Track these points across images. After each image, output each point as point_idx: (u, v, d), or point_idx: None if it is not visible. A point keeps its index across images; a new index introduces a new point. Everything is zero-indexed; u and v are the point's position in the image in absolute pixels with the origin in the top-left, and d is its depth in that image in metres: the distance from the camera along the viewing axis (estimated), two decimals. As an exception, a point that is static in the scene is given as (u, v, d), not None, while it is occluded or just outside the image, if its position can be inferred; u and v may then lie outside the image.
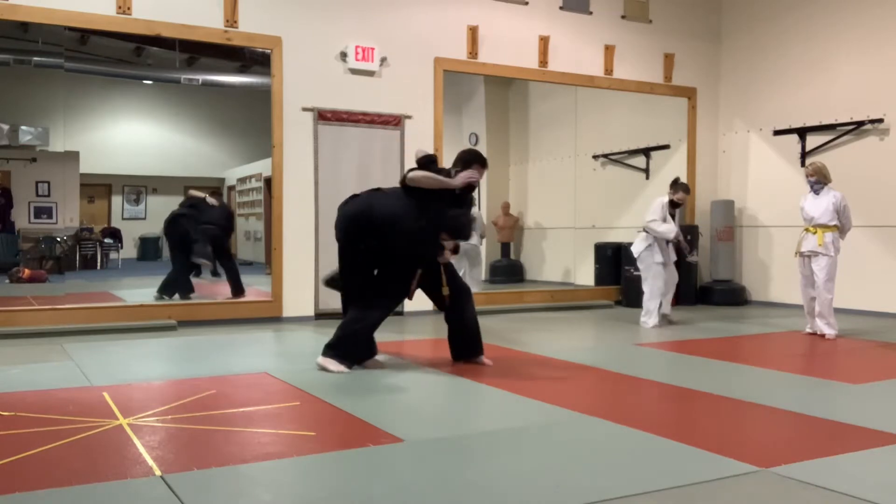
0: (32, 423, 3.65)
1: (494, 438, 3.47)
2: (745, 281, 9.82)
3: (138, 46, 11.35)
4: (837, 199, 6.69)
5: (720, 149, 10.18)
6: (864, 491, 2.74)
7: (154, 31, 7.12)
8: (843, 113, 8.71)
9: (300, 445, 3.31)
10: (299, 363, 5.44)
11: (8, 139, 11.78)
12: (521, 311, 8.66)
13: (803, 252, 6.80)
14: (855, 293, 8.27)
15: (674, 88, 9.80)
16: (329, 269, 5.65)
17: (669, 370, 5.27)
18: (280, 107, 7.60)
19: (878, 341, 6.58)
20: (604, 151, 11.07)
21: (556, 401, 4.16)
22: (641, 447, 3.34)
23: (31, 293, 9.18)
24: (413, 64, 8.20)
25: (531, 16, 8.85)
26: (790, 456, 3.17)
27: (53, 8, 6.70)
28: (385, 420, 3.72)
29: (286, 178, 7.66)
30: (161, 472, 2.91)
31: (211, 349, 6.01)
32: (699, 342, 6.64)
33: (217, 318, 7.42)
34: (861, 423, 3.73)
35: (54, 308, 7.11)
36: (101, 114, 14.99)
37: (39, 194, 13.14)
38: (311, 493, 2.79)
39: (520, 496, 2.71)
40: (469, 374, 4.87)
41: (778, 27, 9.45)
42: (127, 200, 16.50)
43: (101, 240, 14.74)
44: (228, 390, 4.44)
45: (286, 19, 7.62)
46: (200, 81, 12.21)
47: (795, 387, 4.72)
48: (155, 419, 3.72)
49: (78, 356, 5.50)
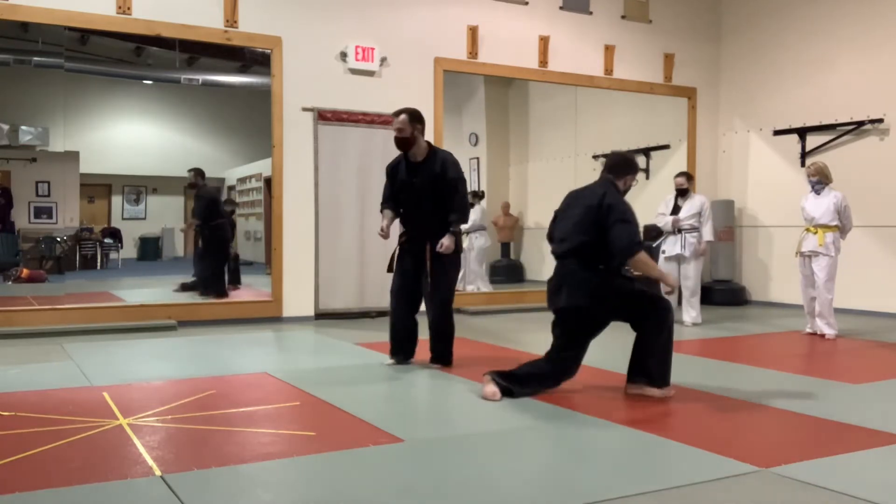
0: (32, 423, 3.65)
1: (494, 438, 3.47)
2: (745, 281, 9.81)
3: (138, 46, 11.34)
4: (838, 200, 6.69)
5: (720, 149, 10.18)
6: (864, 491, 2.74)
7: (154, 31, 7.12)
8: (843, 113, 8.71)
9: (300, 445, 3.31)
10: (299, 363, 5.45)
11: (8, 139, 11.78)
12: (521, 311, 8.65)
13: (804, 252, 6.80)
14: (855, 293, 8.27)
15: (674, 88, 9.80)
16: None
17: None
18: (280, 107, 7.60)
19: (878, 341, 6.58)
20: (604, 151, 11.05)
21: (555, 401, 4.16)
22: (641, 447, 3.34)
23: (31, 293, 9.18)
24: (413, 64, 8.20)
25: (531, 16, 8.85)
26: (790, 456, 3.17)
27: (53, 8, 6.70)
28: (385, 420, 3.72)
29: (286, 178, 7.66)
30: (161, 472, 2.91)
31: (211, 349, 6.01)
32: (699, 342, 6.65)
33: (217, 318, 7.41)
34: (861, 423, 3.73)
35: (54, 308, 7.11)
36: (101, 114, 14.98)
37: (39, 194, 13.14)
38: (311, 493, 2.79)
39: (520, 496, 2.71)
40: (469, 374, 4.87)
41: (778, 27, 9.44)
42: (127, 200, 16.50)
43: (101, 240, 14.74)
44: (228, 390, 4.44)
45: (286, 19, 7.62)
46: (200, 81, 12.21)
47: (795, 387, 4.72)
48: (155, 419, 3.72)
49: (78, 356, 5.50)
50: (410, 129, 5.01)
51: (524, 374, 4.28)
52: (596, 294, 4.20)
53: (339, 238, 7.80)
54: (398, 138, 5.06)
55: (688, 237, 7.50)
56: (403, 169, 5.16)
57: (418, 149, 5.10)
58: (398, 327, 5.24)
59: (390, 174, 5.27)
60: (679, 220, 7.50)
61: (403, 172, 5.16)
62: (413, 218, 5.19)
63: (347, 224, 7.80)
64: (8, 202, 12.73)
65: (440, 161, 5.09)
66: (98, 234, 14.77)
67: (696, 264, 7.57)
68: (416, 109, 5.14)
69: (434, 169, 5.07)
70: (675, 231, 7.53)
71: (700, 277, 7.71)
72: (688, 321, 7.59)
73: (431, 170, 5.07)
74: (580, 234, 4.24)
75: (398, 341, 5.26)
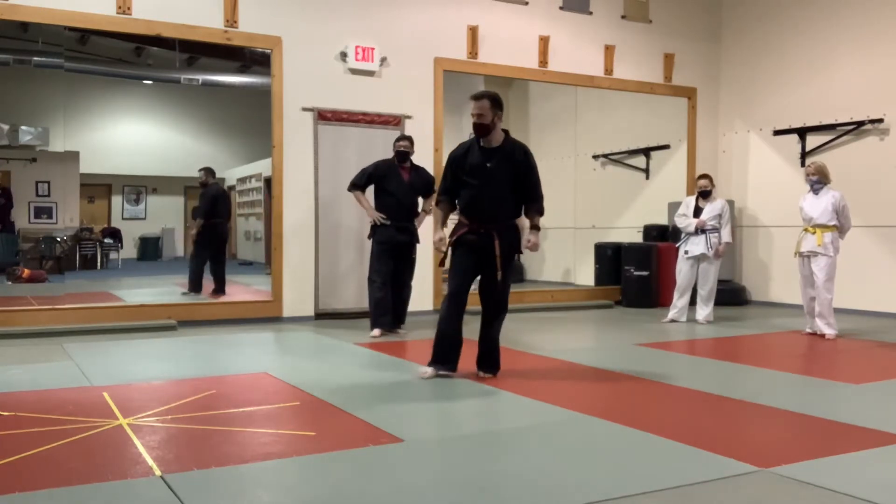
0: (32, 423, 3.65)
1: (494, 438, 3.47)
2: (745, 281, 9.82)
3: (138, 46, 11.35)
4: (836, 199, 6.69)
5: (720, 149, 10.18)
6: (864, 491, 2.74)
7: (154, 31, 7.12)
8: (843, 113, 8.71)
9: (300, 445, 3.31)
10: (299, 363, 5.44)
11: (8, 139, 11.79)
12: (521, 311, 8.66)
13: (803, 252, 6.80)
14: (855, 293, 8.27)
15: (674, 88, 9.80)
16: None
17: (669, 370, 5.26)
18: (280, 107, 7.60)
19: (878, 341, 6.58)
20: (604, 151, 11.07)
21: (556, 401, 4.16)
22: (641, 447, 3.34)
23: (31, 293, 9.19)
24: (413, 64, 8.20)
25: (531, 16, 8.85)
26: (790, 456, 3.17)
27: (53, 8, 6.70)
28: (385, 420, 3.72)
29: (286, 178, 7.66)
30: (161, 472, 2.92)
31: (211, 349, 6.01)
32: (699, 342, 6.65)
33: (217, 318, 7.42)
34: (861, 423, 3.73)
35: (54, 308, 7.11)
36: (101, 114, 14.99)
37: (39, 194, 13.15)
38: (311, 493, 2.79)
39: (520, 496, 2.71)
40: (468, 374, 4.87)
41: (778, 27, 9.44)
42: (127, 200, 16.51)
43: (101, 240, 14.74)
44: (228, 390, 4.44)
45: (286, 19, 7.62)
46: (200, 81, 12.21)
47: (795, 387, 4.72)
48: (155, 419, 3.72)
49: (78, 356, 5.50)
50: (491, 115, 4.70)
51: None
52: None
53: (338, 238, 7.80)
54: (478, 124, 4.73)
55: (711, 238, 7.59)
56: (477, 152, 4.80)
57: (496, 135, 4.78)
58: (449, 333, 4.83)
59: (456, 162, 4.86)
60: (704, 221, 7.60)
61: (476, 156, 4.79)
62: (481, 206, 4.78)
63: (347, 224, 7.80)
64: (8, 202, 12.74)
65: (519, 149, 4.84)
66: (98, 234, 14.78)
67: (716, 265, 7.70)
68: (496, 93, 4.82)
69: (513, 154, 4.80)
70: (697, 232, 7.60)
71: (717, 278, 7.78)
72: (701, 319, 7.68)
73: (510, 155, 4.79)
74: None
75: (448, 350, 4.85)
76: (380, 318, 6.66)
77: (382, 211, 6.65)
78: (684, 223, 7.71)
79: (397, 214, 6.65)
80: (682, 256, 7.75)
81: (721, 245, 7.62)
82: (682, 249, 7.75)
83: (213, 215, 9.34)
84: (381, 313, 6.66)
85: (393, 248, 6.67)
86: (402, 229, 6.67)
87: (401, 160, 6.76)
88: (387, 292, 6.66)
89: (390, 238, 6.64)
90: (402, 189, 6.70)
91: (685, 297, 7.76)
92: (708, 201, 7.74)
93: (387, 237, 6.64)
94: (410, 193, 6.78)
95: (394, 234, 6.64)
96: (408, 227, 6.72)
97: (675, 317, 7.74)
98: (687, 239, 7.73)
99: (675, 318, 7.73)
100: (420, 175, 6.91)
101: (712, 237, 7.60)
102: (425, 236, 7.64)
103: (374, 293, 6.68)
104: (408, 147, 6.77)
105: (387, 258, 6.65)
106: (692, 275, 7.71)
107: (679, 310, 7.75)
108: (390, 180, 6.70)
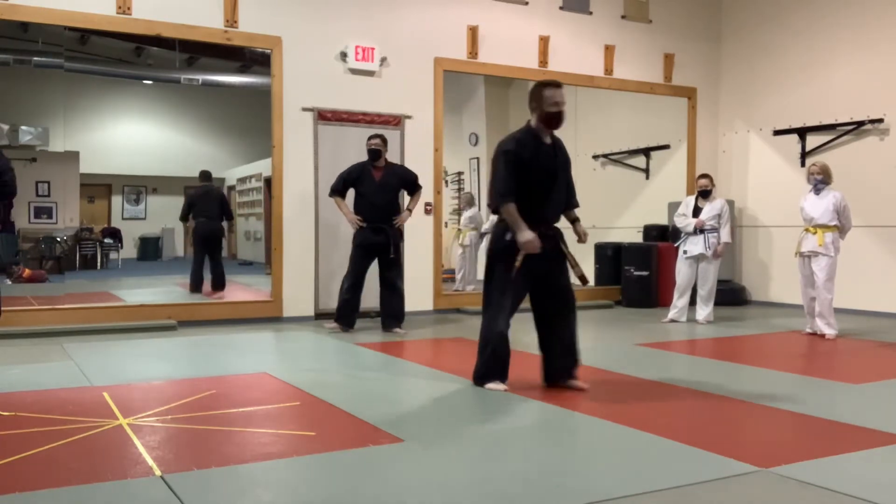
0: (32, 423, 3.65)
1: (494, 438, 3.47)
2: (745, 281, 9.82)
3: (138, 46, 11.36)
4: (837, 200, 6.69)
5: (720, 149, 10.18)
6: (864, 491, 2.74)
7: (154, 31, 7.12)
8: (842, 113, 8.71)
9: (300, 445, 3.31)
10: (299, 363, 5.44)
11: (8, 139, 11.78)
12: (521, 311, 8.63)
13: (803, 252, 6.80)
14: (855, 293, 8.27)
15: (674, 88, 9.80)
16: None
17: (669, 370, 5.26)
18: (280, 107, 7.60)
19: (878, 341, 6.58)
20: (604, 151, 11.07)
21: (556, 401, 4.17)
22: (641, 447, 3.34)
23: (31, 293, 9.18)
24: (413, 64, 8.20)
25: (531, 16, 8.85)
26: (790, 456, 3.17)
27: (53, 8, 6.70)
28: (385, 420, 3.72)
29: (286, 178, 7.66)
30: (161, 472, 2.92)
31: (211, 349, 6.01)
32: (699, 342, 6.65)
33: (217, 318, 7.41)
34: (861, 423, 3.73)
35: (54, 308, 7.11)
36: (101, 114, 14.99)
37: (39, 194, 13.15)
38: (311, 493, 2.79)
39: (520, 496, 2.71)
40: (468, 374, 4.87)
41: (778, 27, 9.44)
42: (127, 200, 16.51)
43: (101, 240, 14.75)
44: (228, 390, 4.44)
45: (286, 19, 7.62)
46: (200, 81, 12.22)
47: (795, 387, 4.72)
48: (155, 419, 3.72)
49: (78, 356, 5.50)
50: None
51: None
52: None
53: (339, 238, 7.79)
54: (559, 113, 4.21)
55: (710, 238, 7.59)
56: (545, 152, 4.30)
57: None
58: (506, 345, 4.55)
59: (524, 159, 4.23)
60: (703, 221, 7.59)
61: (547, 157, 4.29)
62: (546, 210, 4.37)
63: (347, 224, 7.79)
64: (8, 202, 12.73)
65: (561, 144, 4.46)
66: (98, 234, 14.79)
67: (716, 265, 7.69)
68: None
69: (563, 148, 4.44)
70: (696, 231, 7.60)
71: (717, 278, 7.77)
72: (701, 319, 7.68)
73: (563, 149, 4.42)
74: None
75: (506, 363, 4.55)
76: (342, 317, 6.80)
77: (358, 213, 6.75)
78: (683, 223, 7.71)
79: (371, 216, 6.72)
80: (681, 256, 7.76)
81: (720, 245, 7.62)
82: (682, 249, 7.76)
83: (196, 215, 9.45)
84: (343, 313, 6.80)
85: (368, 250, 6.76)
86: (377, 230, 6.71)
87: (373, 158, 6.79)
88: (355, 294, 6.78)
89: (364, 239, 6.74)
90: (372, 189, 6.76)
91: (685, 297, 7.77)
92: (708, 201, 7.75)
93: (361, 239, 6.76)
94: (381, 193, 6.79)
95: (368, 236, 6.72)
96: (383, 227, 6.73)
97: (675, 317, 7.74)
98: (686, 239, 7.73)
99: (675, 318, 7.73)
100: (396, 173, 6.93)
101: (711, 237, 7.60)
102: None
103: (342, 294, 6.83)
104: (379, 145, 6.79)
105: (359, 259, 6.75)
106: (692, 275, 7.72)
107: (679, 310, 7.75)
108: (362, 182, 6.78)
